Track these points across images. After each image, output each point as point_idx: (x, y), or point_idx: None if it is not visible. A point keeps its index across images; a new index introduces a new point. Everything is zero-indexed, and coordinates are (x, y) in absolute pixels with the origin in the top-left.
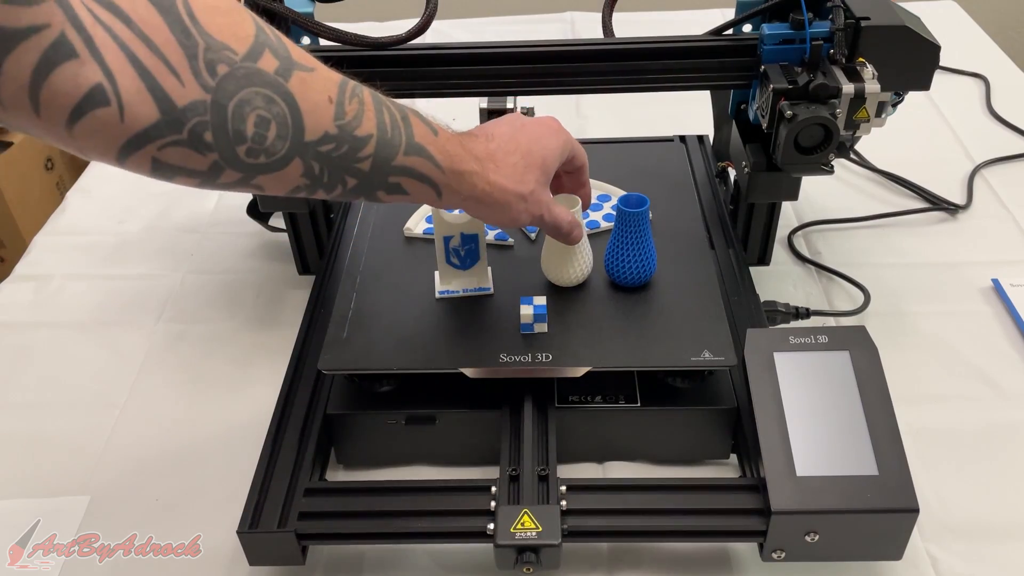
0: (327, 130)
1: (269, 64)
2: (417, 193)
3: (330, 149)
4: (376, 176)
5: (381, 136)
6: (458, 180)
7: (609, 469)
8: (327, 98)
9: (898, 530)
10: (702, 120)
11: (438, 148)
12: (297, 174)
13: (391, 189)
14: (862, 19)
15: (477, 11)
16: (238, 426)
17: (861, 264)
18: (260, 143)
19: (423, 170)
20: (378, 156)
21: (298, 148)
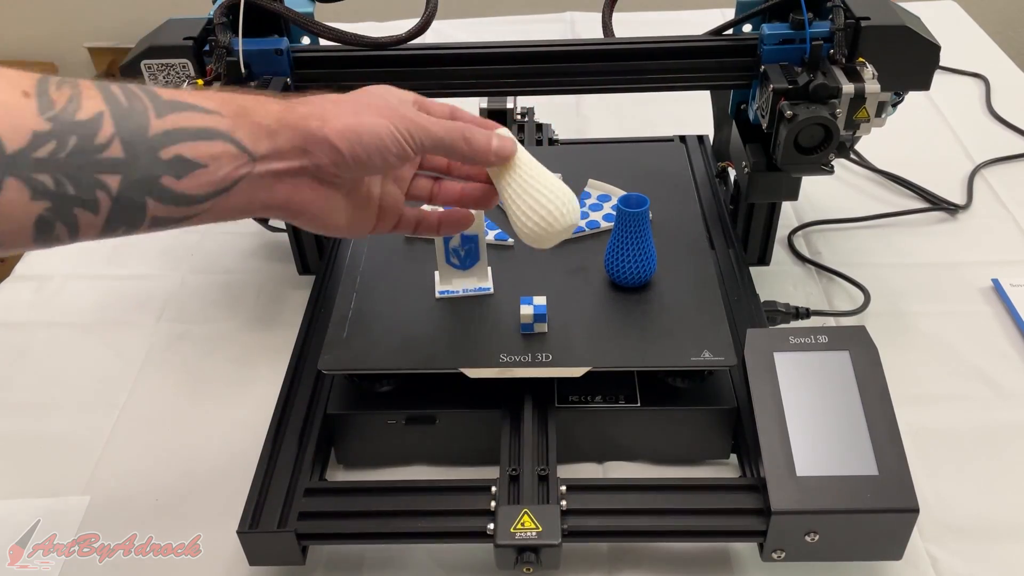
0: (34, 129)
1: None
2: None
3: (52, 150)
4: (141, 159)
5: (116, 109)
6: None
7: (609, 469)
8: (20, 94)
9: (898, 530)
10: (702, 120)
11: (203, 95)
12: (23, 199)
13: (179, 168)
14: (862, 19)
15: (477, 11)
16: (238, 426)
17: (861, 264)
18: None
19: (196, 124)
20: (124, 132)
21: (2, 166)
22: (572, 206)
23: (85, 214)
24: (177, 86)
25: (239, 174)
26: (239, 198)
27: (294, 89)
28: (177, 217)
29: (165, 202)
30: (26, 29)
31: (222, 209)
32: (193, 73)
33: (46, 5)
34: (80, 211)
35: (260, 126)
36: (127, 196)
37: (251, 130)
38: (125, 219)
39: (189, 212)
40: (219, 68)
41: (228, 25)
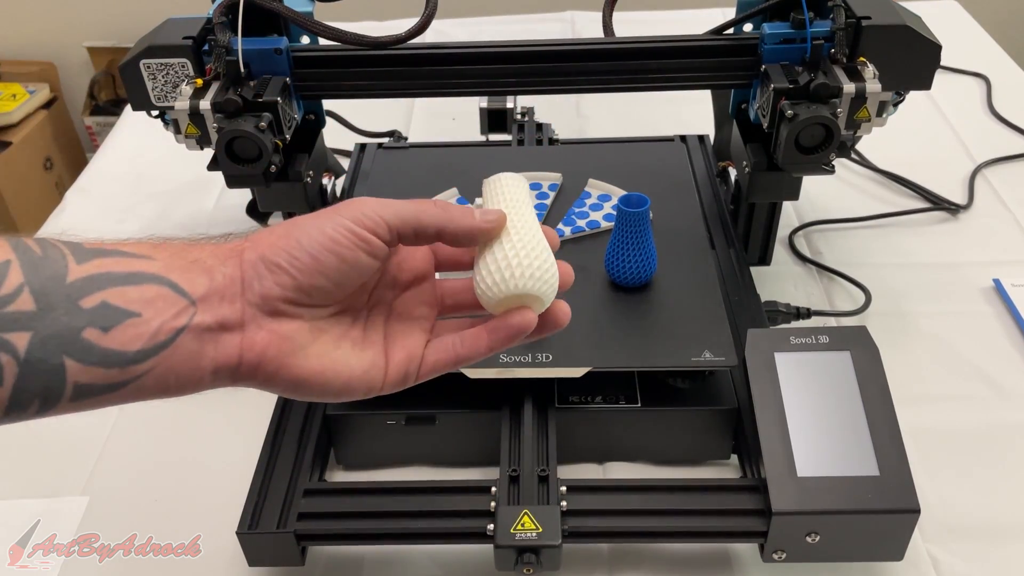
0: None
1: None
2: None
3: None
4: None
5: (25, 257)
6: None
7: (609, 470)
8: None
9: (899, 531)
10: (702, 120)
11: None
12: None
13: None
14: (863, 18)
15: (477, 11)
16: (238, 426)
17: (862, 264)
18: None
19: (123, 268)
20: (35, 281)
21: None
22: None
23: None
24: (176, 86)
25: (179, 323)
26: (184, 358)
27: (293, 88)
28: (107, 383)
29: (89, 363)
30: (26, 29)
31: (165, 373)
32: (192, 73)
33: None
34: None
35: (195, 263)
36: (38, 357)
37: (185, 268)
38: (38, 388)
39: (123, 376)
40: (218, 68)
41: (227, 24)
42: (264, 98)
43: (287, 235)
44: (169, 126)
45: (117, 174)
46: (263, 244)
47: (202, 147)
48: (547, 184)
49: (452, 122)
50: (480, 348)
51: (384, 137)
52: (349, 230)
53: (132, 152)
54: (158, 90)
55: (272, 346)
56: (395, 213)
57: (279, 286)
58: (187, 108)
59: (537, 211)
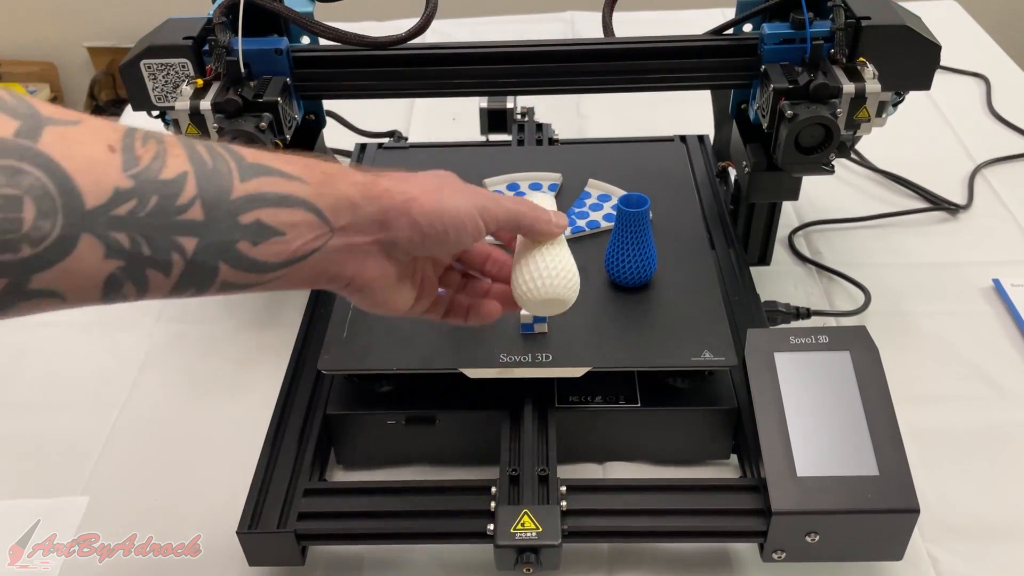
0: (116, 186)
1: (5, 128)
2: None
3: (132, 208)
4: (220, 223)
5: (200, 169)
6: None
7: (609, 469)
8: (105, 148)
9: (899, 530)
10: (702, 120)
11: (284, 160)
12: (97, 257)
13: (257, 235)
14: (863, 19)
15: (477, 11)
16: (238, 426)
17: (861, 264)
18: (13, 230)
19: (278, 190)
20: (206, 194)
21: (80, 222)
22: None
23: (156, 275)
24: (176, 86)
25: (315, 245)
26: (309, 270)
27: (293, 88)
28: (245, 283)
29: (237, 267)
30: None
31: (289, 279)
32: (192, 73)
33: (46, 5)
34: (152, 272)
35: (343, 197)
36: (201, 259)
37: (334, 201)
38: (195, 282)
39: (259, 280)
40: (219, 68)
41: (228, 25)
42: (264, 98)
43: (436, 199)
44: (169, 126)
45: None
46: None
47: None
48: (547, 184)
49: (452, 122)
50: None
51: (384, 137)
52: (475, 219)
53: None
54: (158, 90)
55: (378, 279)
56: (506, 211)
57: (409, 241)
58: (187, 108)
59: None
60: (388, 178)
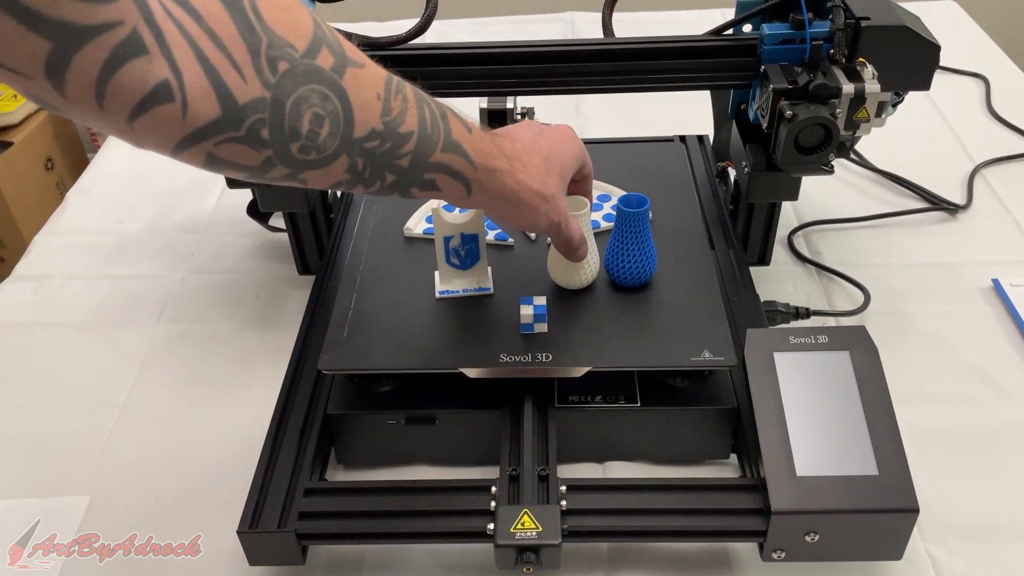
0: (374, 127)
1: (326, 61)
2: (449, 190)
3: (375, 146)
4: (414, 172)
5: (422, 132)
6: (488, 177)
7: (609, 469)
8: (375, 95)
9: (898, 530)
10: (702, 120)
11: (472, 145)
12: (342, 169)
13: (425, 185)
14: (862, 19)
15: (477, 11)
16: (238, 426)
17: (861, 264)
18: (313, 140)
19: (457, 167)
20: (417, 153)
21: (346, 145)
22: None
23: (360, 188)
24: None
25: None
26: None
27: None
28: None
29: (404, 196)
30: None
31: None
32: None
33: None
34: (359, 187)
35: (490, 188)
36: (391, 188)
37: (483, 184)
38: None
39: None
40: None
41: None
42: None
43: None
44: None
45: (118, 174)
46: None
47: None
48: None
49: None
50: None
51: None
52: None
53: (133, 153)
54: None
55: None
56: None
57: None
58: None
59: None
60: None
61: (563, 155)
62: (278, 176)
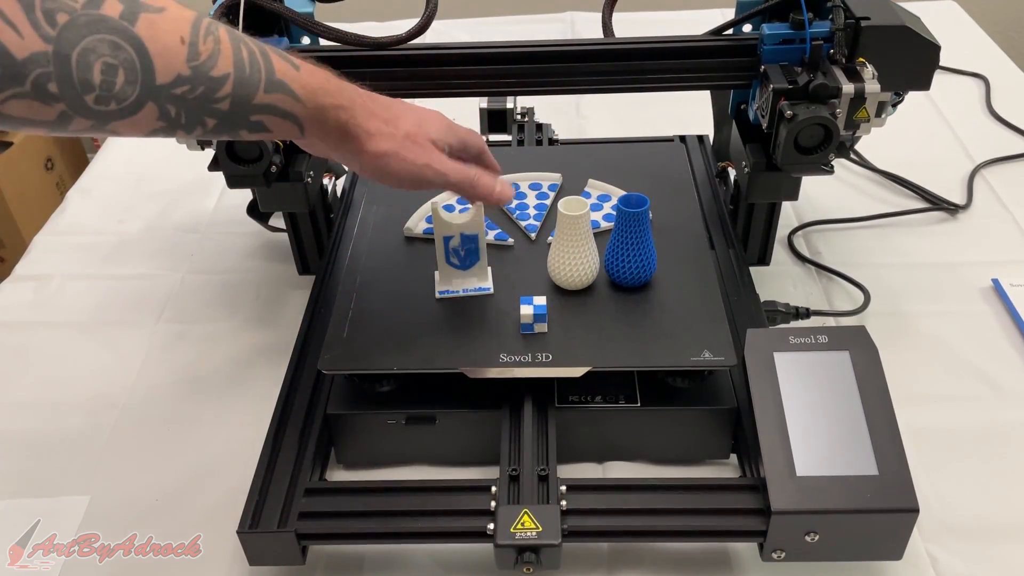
0: (179, 72)
1: (113, 9)
2: (280, 130)
3: (185, 91)
4: (237, 116)
5: (239, 75)
6: (321, 114)
7: (609, 469)
8: (179, 39)
9: (898, 530)
10: (702, 120)
11: (300, 83)
12: (152, 118)
13: (253, 127)
14: (862, 19)
15: (477, 11)
16: (238, 426)
17: (861, 264)
18: (109, 90)
19: (284, 106)
20: (237, 95)
21: (150, 92)
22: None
23: (182, 134)
24: None
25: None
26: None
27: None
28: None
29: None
30: None
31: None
32: None
33: None
34: (180, 132)
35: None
36: (214, 133)
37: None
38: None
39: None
40: None
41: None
42: None
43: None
44: None
45: (118, 174)
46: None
47: (203, 147)
48: (547, 184)
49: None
50: None
51: None
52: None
53: (133, 152)
54: None
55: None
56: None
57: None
58: None
59: (537, 211)
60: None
61: (423, 113)
62: (83, 128)
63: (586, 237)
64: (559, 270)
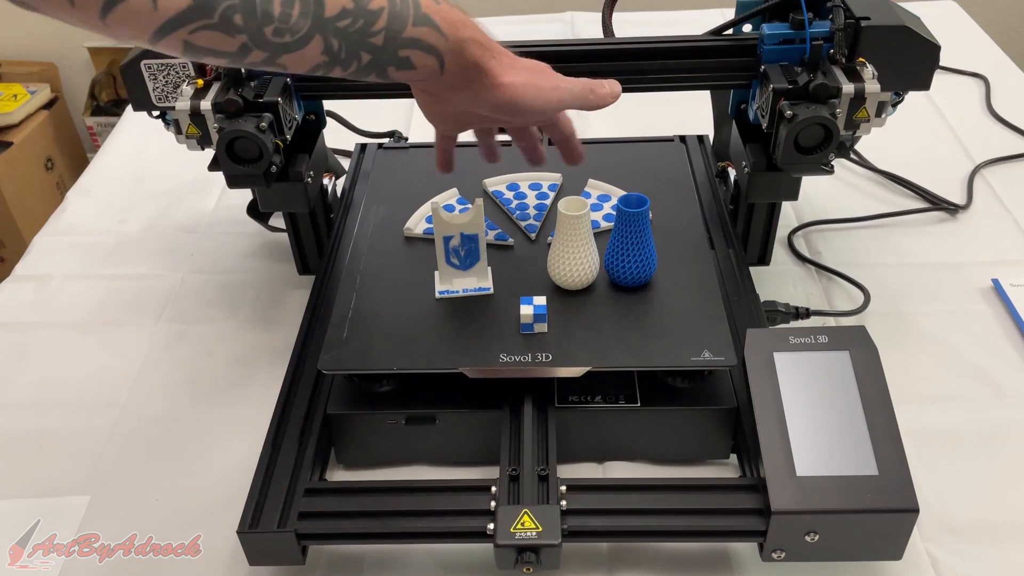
0: (344, 5)
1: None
2: (423, 66)
3: (347, 24)
4: (388, 49)
5: (392, 7)
6: (460, 47)
7: (609, 469)
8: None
9: (898, 530)
10: (702, 120)
11: (442, 16)
12: (317, 51)
13: (401, 64)
14: (862, 19)
15: (477, 11)
16: (238, 426)
17: (861, 264)
18: (286, 22)
19: (430, 40)
20: (390, 28)
21: (319, 25)
22: (596, 269)
23: (338, 70)
24: (176, 86)
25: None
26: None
27: (293, 88)
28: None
29: (380, 77)
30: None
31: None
32: (193, 73)
33: None
34: (338, 68)
35: (463, 58)
36: (366, 68)
37: (456, 54)
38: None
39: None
40: (218, 68)
41: None
42: (265, 98)
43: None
44: (170, 127)
45: (118, 174)
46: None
47: (203, 147)
48: (547, 184)
49: None
50: None
51: (384, 137)
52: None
53: (133, 152)
54: (159, 91)
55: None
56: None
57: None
58: (188, 108)
59: (537, 211)
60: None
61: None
62: (257, 61)
63: (586, 237)
64: (559, 270)
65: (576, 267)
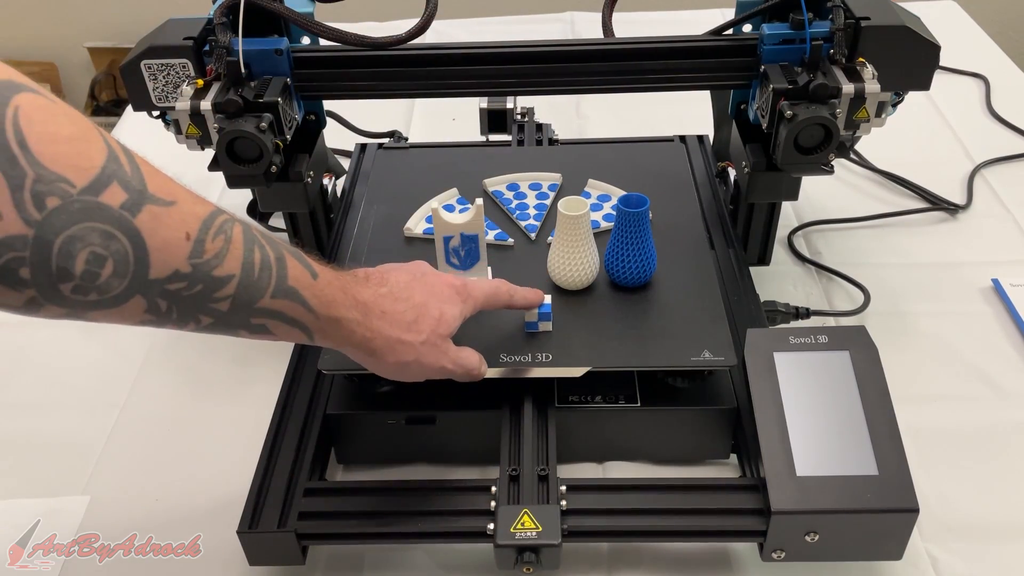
0: (177, 268)
1: (115, 198)
2: (285, 335)
3: (180, 288)
4: (236, 316)
5: (245, 277)
6: (333, 326)
7: (609, 469)
8: (183, 235)
9: (898, 530)
10: (702, 120)
11: (314, 292)
12: (139, 310)
13: (254, 329)
14: (862, 19)
15: (477, 11)
16: (238, 426)
17: (861, 264)
18: (91, 281)
19: (293, 314)
20: (239, 297)
21: (140, 286)
22: (596, 269)
23: (174, 328)
24: (176, 86)
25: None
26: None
27: (293, 89)
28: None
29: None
30: (26, 29)
31: None
32: (193, 73)
33: (46, 5)
34: (171, 326)
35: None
36: (209, 329)
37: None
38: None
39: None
40: (219, 68)
41: (228, 25)
42: (265, 99)
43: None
44: (170, 127)
45: None
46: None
47: (203, 147)
48: (547, 184)
49: (452, 122)
50: None
51: (384, 137)
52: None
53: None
54: (159, 91)
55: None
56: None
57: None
58: (188, 108)
59: (537, 211)
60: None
61: (443, 306)
62: (57, 315)
63: (586, 237)
64: (559, 270)
65: (576, 267)
